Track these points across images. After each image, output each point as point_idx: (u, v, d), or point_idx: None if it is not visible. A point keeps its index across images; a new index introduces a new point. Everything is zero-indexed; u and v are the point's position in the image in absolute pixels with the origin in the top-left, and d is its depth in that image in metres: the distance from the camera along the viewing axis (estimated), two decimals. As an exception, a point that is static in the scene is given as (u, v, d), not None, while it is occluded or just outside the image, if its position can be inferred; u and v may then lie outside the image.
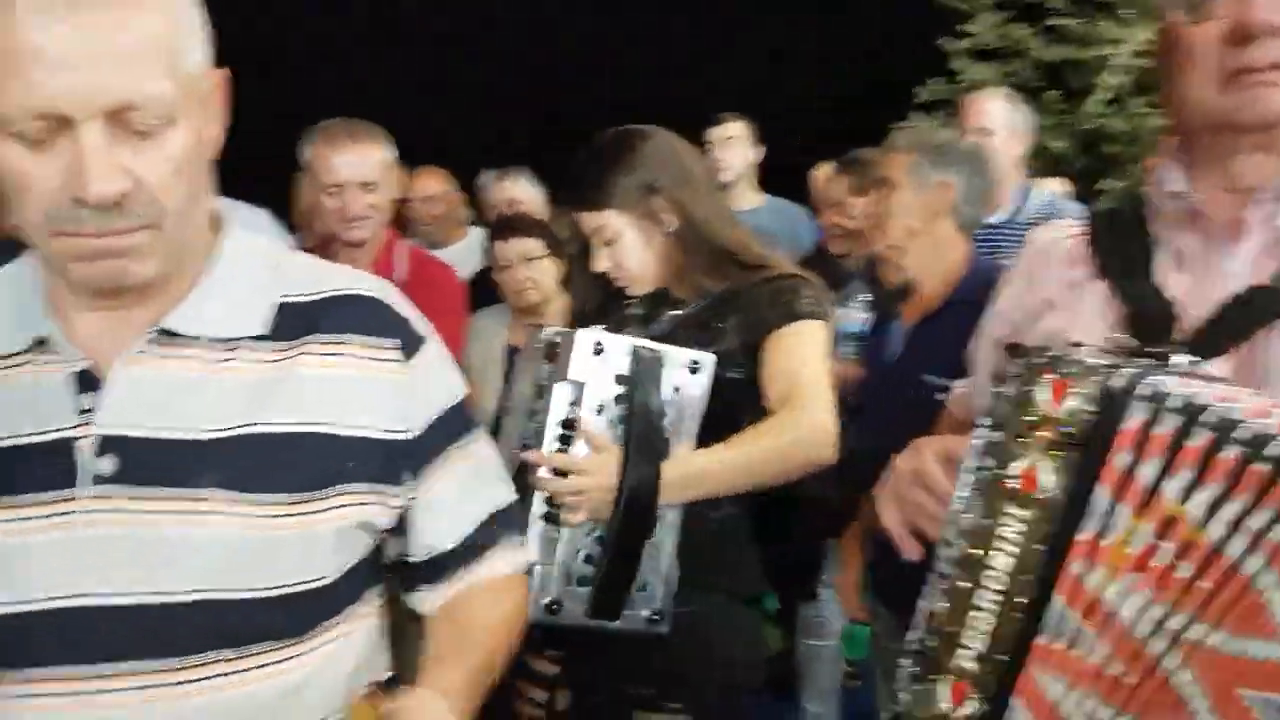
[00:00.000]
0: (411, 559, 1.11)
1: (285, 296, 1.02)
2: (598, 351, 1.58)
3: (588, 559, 1.60)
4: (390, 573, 1.13)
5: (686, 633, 1.64)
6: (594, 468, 1.56)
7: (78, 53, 0.82)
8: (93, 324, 0.96)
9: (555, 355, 1.61)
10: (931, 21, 5.25)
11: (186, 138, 0.89)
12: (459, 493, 1.10)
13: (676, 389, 1.62)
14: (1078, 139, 4.25)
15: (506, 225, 2.86)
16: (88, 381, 0.95)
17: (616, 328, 1.76)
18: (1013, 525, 0.87)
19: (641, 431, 1.57)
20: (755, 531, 1.77)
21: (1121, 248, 1.10)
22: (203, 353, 0.97)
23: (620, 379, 1.59)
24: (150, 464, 0.93)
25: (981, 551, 0.88)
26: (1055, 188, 3.75)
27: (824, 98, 6.95)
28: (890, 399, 2.18)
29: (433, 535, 1.10)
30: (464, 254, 3.86)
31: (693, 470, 1.60)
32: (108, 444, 0.93)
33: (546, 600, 1.57)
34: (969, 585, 0.89)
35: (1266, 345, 0.98)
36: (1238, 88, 0.97)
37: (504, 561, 1.14)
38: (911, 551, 1.05)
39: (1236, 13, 0.96)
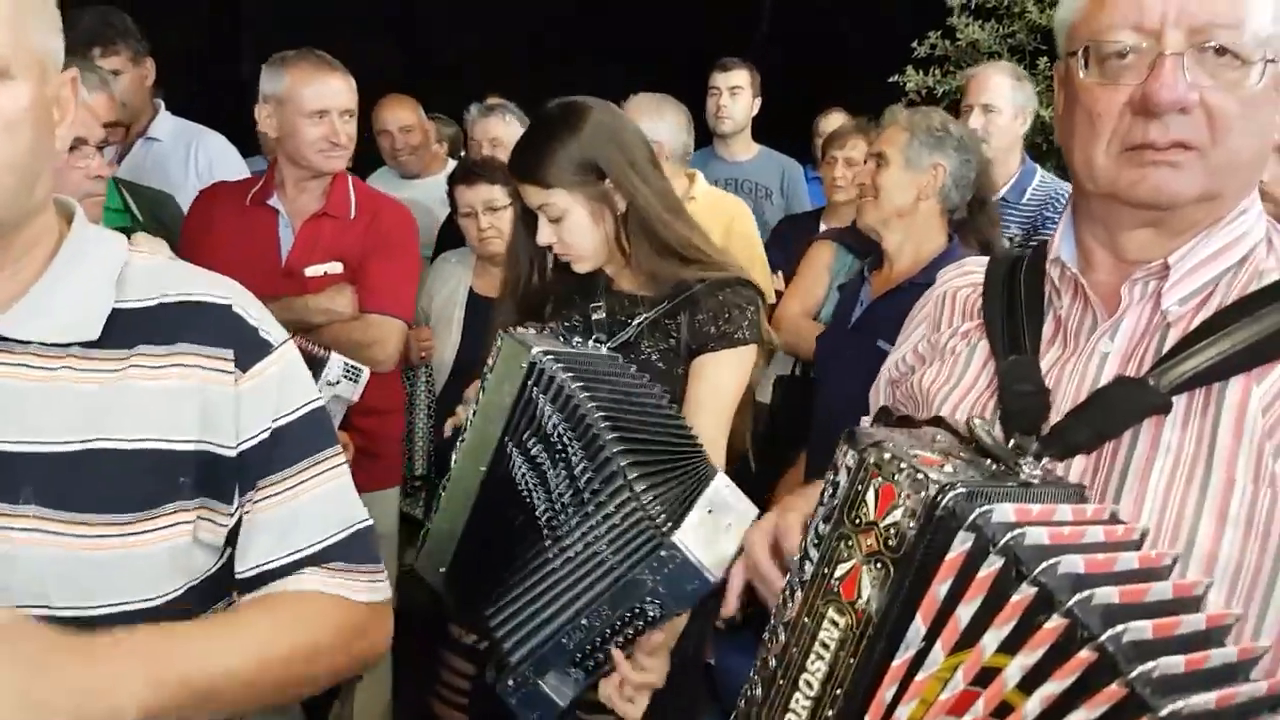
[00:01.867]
0: (238, 574, 1.06)
1: (121, 302, 1.00)
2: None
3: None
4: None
5: None
6: None
7: None
8: None
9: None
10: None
11: (24, 98, 0.90)
12: (299, 511, 1.06)
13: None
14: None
15: (470, 171, 2.86)
16: None
17: (584, 333, 1.81)
18: (831, 631, 0.82)
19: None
20: None
21: (1011, 309, 1.09)
22: (33, 359, 0.96)
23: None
24: None
25: (800, 651, 0.84)
26: None
27: (821, 48, 6.89)
28: (847, 359, 2.28)
29: (260, 550, 1.05)
30: (441, 187, 3.94)
31: None
32: None
33: None
34: (785, 684, 0.85)
35: (1128, 444, 0.94)
36: (1136, 162, 0.95)
37: (323, 582, 1.07)
38: (728, 609, 1.08)
39: (1146, 85, 0.92)
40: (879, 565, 0.78)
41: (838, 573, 0.81)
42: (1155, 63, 0.92)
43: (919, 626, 0.76)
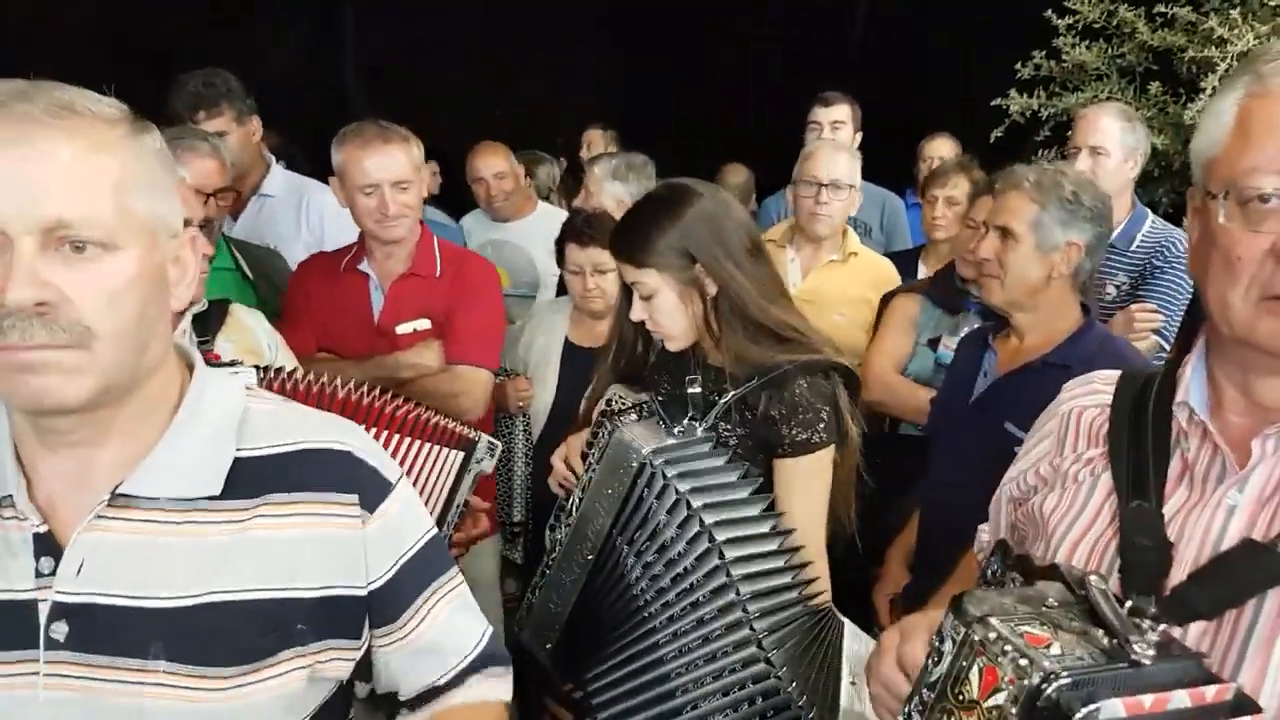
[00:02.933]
0: (403, 697, 1.18)
1: (243, 450, 1.04)
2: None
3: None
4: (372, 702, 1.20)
5: None
6: None
7: (18, 172, 0.87)
8: (54, 473, 0.99)
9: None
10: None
11: (130, 268, 0.92)
12: (432, 639, 1.14)
13: None
14: (1180, 135, 4.08)
15: (582, 231, 2.90)
16: (46, 545, 0.98)
17: (680, 405, 1.85)
18: None
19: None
20: None
21: (1138, 443, 1.05)
22: (160, 515, 1.00)
23: None
24: (101, 632, 0.96)
25: None
26: None
27: (920, 67, 6.74)
28: (968, 436, 2.18)
29: (413, 678, 1.16)
30: (534, 227, 4.01)
31: None
32: (62, 610, 0.96)
33: None
34: None
35: (1252, 611, 0.91)
36: (1276, 312, 0.92)
37: (483, 689, 1.18)
38: None
39: None
40: None
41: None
42: None
43: None
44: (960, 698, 0.81)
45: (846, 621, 1.67)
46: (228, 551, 1.01)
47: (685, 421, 1.84)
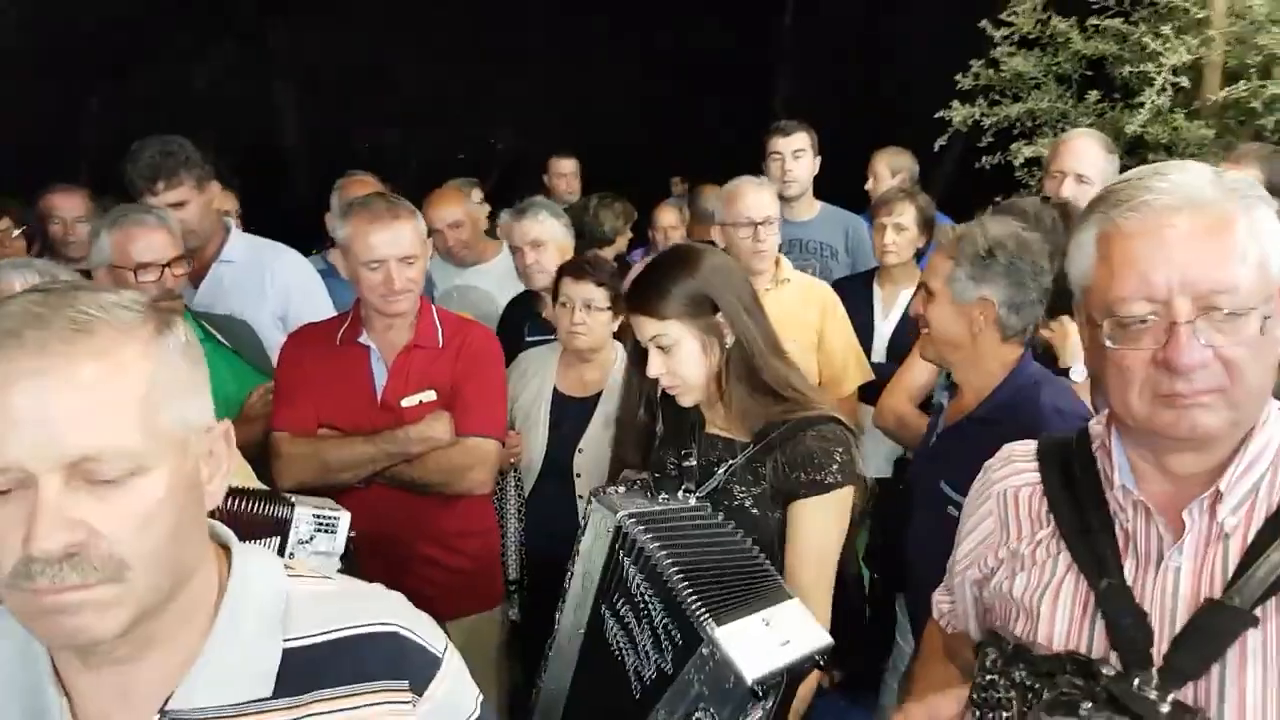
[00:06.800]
0: None
1: (290, 641, 0.99)
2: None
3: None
4: None
5: None
6: None
7: (37, 407, 0.82)
8: (96, 690, 0.94)
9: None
10: (971, 5, 5.16)
11: (160, 488, 0.87)
12: None
13: None
14: (1122, 142, 4.19)
15: (581, 268, 2.88)
16: None
17: (677, 479, 1.86)
18: None
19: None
20: None
21: (1085, 526, 1.19)
22: None
23: None
24: None
25: None
26: None
27: (872, 85, 6.85)
28: (920, 490, 2.21)
29: None
30: (497, 269, 3.93)
31: None
32: None
33: None
34: None
35: (1229, 665, 1.05)
36: (1169, 405, 1.08)
37: None
38: None
39: (1167, 351, 1.07)
40: None
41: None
42: (1170, 329, 1.05)
43: None
44: None
45: (797, 600, 1.65)
46: None
47: (679, 493, 1.86)
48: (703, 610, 1.52)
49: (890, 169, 4.49)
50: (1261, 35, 4.39)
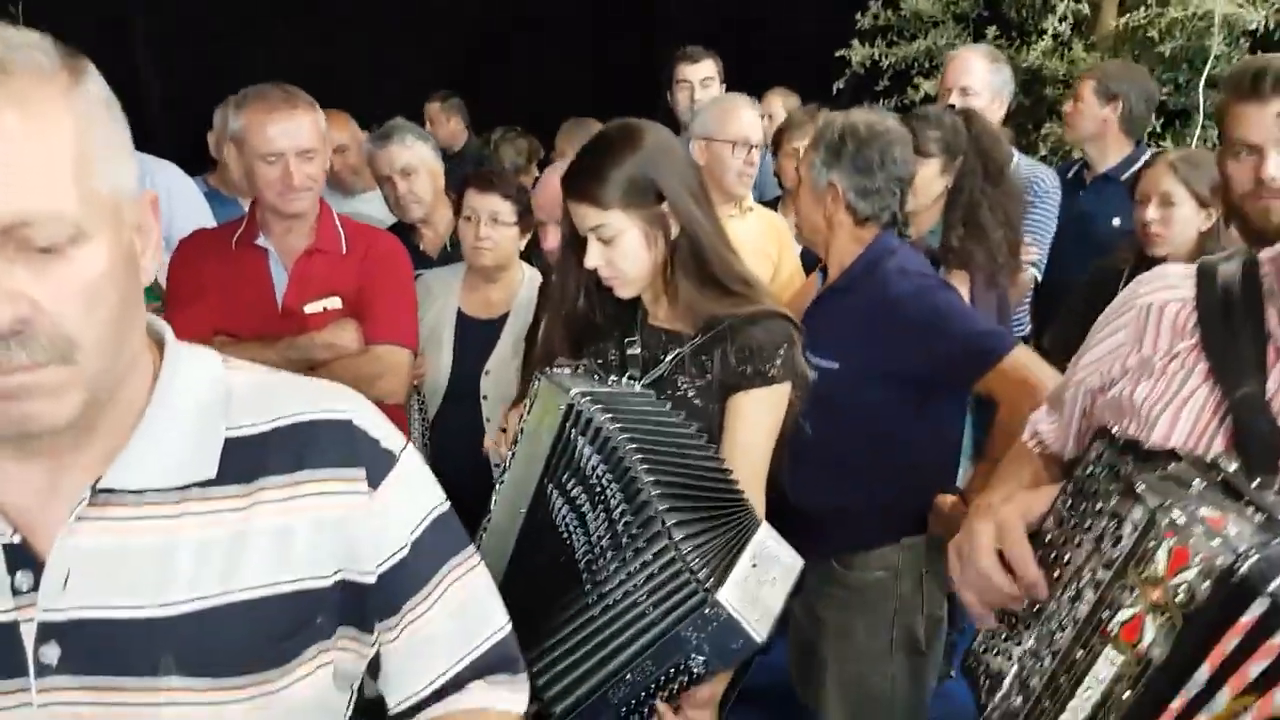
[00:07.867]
0: (398, 702, 1.02)
1: (232, 429, 0.91)
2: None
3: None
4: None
5: None
6: None
7: None
8: (24, 478, 0.85)
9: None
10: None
11: (101, 259, 0.78)
12: (442, 628, 1.00)
13: None
14: (1017, 80, 4.25)
15: (487, 179, 2.76)
16: (22, 557, 0.83)
17: (619, 369, 1.78)
18: (1106, 667, 0.90)
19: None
20: None
21: (1233, 334, 1.11)
22: (150, 510, 0.87)
23: None
24: (99, 651, 0.84)
25: (1070, 680, 0.93)
26: None
27: (767, 22, 6.82)
28: None
29: (412, 678, 1.01)
30: (380, 203, 3.69)
31: None
32: (49, 631, 0.83)
33: None
34: (1051, 706, 0.94)
35: None
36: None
37: (490, 696, 1.04)
38: (989, 623, 1.13)
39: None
40: (1165, 616, 0.86)
41: (1119, 617, 0.90)
42: None
43: (1204, 673, 0.83)
44: (1144, 574, 0.88)
45: (764, 524, 1.61)
46: (232, 545, 0.88)
47: (624, 380, 1.79)
48: (692, 557, 1.49)
49: (786, 109, 4.46)
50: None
